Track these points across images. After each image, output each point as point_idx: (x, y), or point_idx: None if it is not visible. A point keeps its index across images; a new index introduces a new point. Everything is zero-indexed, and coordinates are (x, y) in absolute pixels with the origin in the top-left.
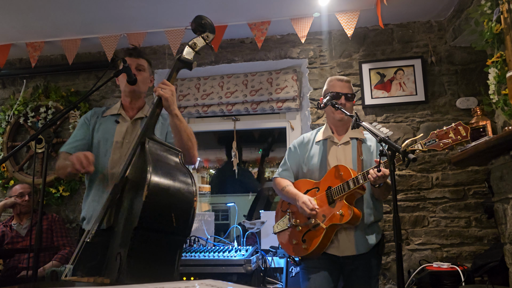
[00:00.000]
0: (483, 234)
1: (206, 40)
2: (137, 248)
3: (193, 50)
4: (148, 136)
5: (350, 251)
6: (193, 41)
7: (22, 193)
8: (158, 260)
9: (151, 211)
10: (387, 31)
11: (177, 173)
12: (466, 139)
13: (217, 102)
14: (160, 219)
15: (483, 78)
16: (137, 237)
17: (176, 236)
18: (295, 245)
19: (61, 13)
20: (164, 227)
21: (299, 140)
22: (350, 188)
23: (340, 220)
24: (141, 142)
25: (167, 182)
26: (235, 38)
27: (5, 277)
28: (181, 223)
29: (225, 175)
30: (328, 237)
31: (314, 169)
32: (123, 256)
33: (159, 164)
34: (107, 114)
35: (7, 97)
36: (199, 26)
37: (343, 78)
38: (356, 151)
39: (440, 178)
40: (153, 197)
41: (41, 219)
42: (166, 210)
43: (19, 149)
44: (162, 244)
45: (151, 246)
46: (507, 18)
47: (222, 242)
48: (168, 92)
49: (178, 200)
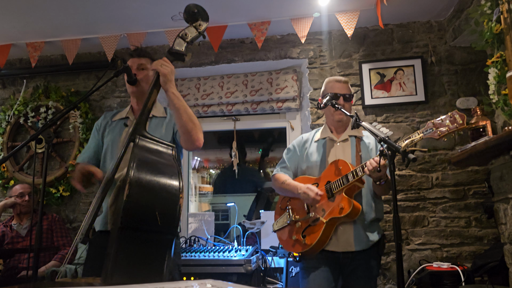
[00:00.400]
0: (483, 234)
1: (199, 29)
2: (123, 248)
3: (184, 40)
4: (139, 133)
5: (349, 247)
6: (184, 31)
7: (23, 193)
8: (145, 259)
9: (133, 210)
10: (387, 31)
11: (163, 169)
12: (463, 127)
13: (217, 102)
14: (143, 218)
15: (483, 78)
16: (123, 237)
17: (162, 235)
18: (295, 241)
19: (61, 13)
20: (148, 226)
21: (298, 140)
22: (349, 181)
23: (339, 213)
24: (131, 139)
25: (149, 180)
26: (235, 38)
27: (5, 277)
28: (166, 222)
29: (226, 175)
30: (328, 232)
31: (314, 166)
32: (112, 256)
33: (144, 161)
34: (117, 118)
35: (7, 97)
36: (190, 15)
37: (341, 79)
38: (354, 148)
39: (440, 178)
40: (134, 196)
41: (41, 219)
42: (149, 209)
43: (19, 149)
44: (148, 243)
45: (137, 246)
46: (507, 18)
47: (222, 242)
48: (167, 69)
49: (162, 198)
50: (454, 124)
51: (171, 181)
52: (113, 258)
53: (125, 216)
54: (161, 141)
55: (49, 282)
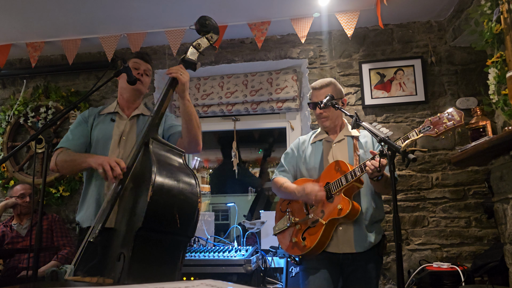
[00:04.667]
0: (483, 234)
1: (210, 41)
2: (140, 249)
3: (197, 50)
4: (152, 136)
5: (349, 248)
6: (197, 41)
7: (23, 193)
8: (160, 261)
9: (155, 211)
10: (387, 31)
11: (181, 174)
12: (460, 124)
13: (217, 102)
14: (164, 220)
15: (483, 78)
16: (140, 238)
17: (180, 237)
18: (295, 243)
19: (61, 13)
20: (168, 228)
21: (295, 143)
22: (347, 181)
23: (338, 213)
24: (145, 142)
25: (171, 183)
26: (235, 38)
27: (5, 277)
28: (185, 224)
29: (225, 175)
30: (328, 233)
31: (312, 168)
32: (126, 256)
33: (163, 164)
34: (104, 112)
35: (7, 97)
36: (203, 26)
37: (317, 85)
38: (352, 148)
39: (440, 178)
40: (157, 197)
41: (41, 219)
42: (170, 211)
43: (19, 149)
44: (165, 244)
45: (154, 247)
46: (507, 18)
47: (222, 242)
48: (186, 78)
49: (182, 201)
50: (452, 122)
51: (190, 186)
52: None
53: (147, 218)
54: (172, 146)
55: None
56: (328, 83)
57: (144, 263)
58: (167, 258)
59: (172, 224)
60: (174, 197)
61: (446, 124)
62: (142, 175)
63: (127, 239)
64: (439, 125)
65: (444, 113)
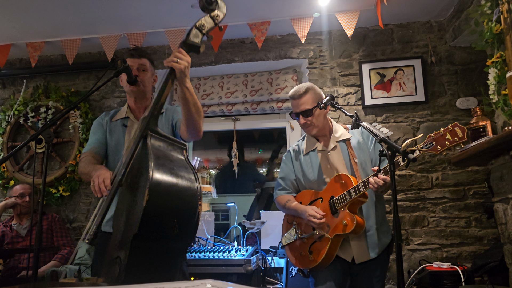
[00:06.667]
0: (483, 234)
1: (216, 20)
2: (137, 254)
3: (201, 32)
4: (151, 128)
5: (365, 257)
6: (200, 21)
7: (23, 193)
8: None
9: (151, 217)
10: (387, 31)
11: (181, 173)
12: (463, 140)
13: (217, 102)
14: (162, 226)
15: (483, 78)
16: (137, 243)
17: (178, 243)
18: (303, 257)
19: (61, 13)
20: (166, 234)
21: (287, 156)
22: (351, 197)
23: (343, 230)
24: (143, 135)
25: (169, 185)
26: (235, 38)
27: (5, 277)
28: (184, 230)
29: (225, 175)
30: (335, 246)
31: (312, 181)
32: (122, 260)
33: (161, 163)
34: (116, 118)
35: (7, 97)
36: (208, 2)
37: (295, 95)
38: (347, 155)
39: (440, 178)
40: (154, 202)
41: (41, 219)
42: (168, 216)
43: (19, 149)
44: (164, 251)
45: (152, 253)
46: (507, 18)
47: (222, 242)
48: (183, 63)
49: (181, 204)
50: (455, 138)
51: (190, 187)
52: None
53: (143, 224)
54: (173, 139)
55: (49, 282)
56: (306, 90)
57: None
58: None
59: (170, 230)
60: (173, 200)
61: (449, 140)
62: (139, 173)
63: (124, 243)
64: (442, 141)
65: (446, 128)
